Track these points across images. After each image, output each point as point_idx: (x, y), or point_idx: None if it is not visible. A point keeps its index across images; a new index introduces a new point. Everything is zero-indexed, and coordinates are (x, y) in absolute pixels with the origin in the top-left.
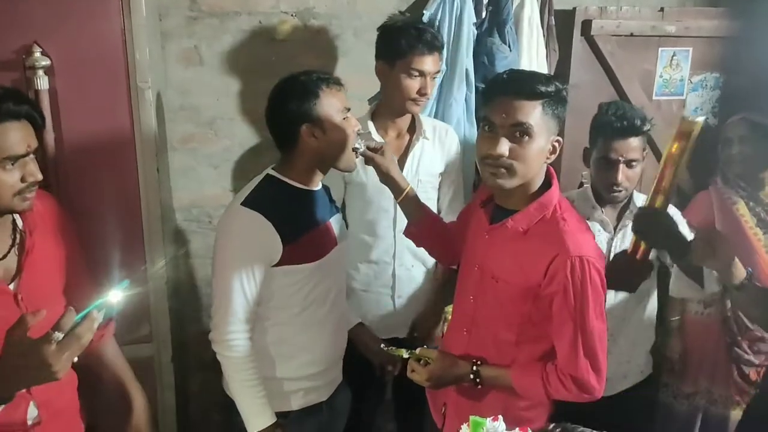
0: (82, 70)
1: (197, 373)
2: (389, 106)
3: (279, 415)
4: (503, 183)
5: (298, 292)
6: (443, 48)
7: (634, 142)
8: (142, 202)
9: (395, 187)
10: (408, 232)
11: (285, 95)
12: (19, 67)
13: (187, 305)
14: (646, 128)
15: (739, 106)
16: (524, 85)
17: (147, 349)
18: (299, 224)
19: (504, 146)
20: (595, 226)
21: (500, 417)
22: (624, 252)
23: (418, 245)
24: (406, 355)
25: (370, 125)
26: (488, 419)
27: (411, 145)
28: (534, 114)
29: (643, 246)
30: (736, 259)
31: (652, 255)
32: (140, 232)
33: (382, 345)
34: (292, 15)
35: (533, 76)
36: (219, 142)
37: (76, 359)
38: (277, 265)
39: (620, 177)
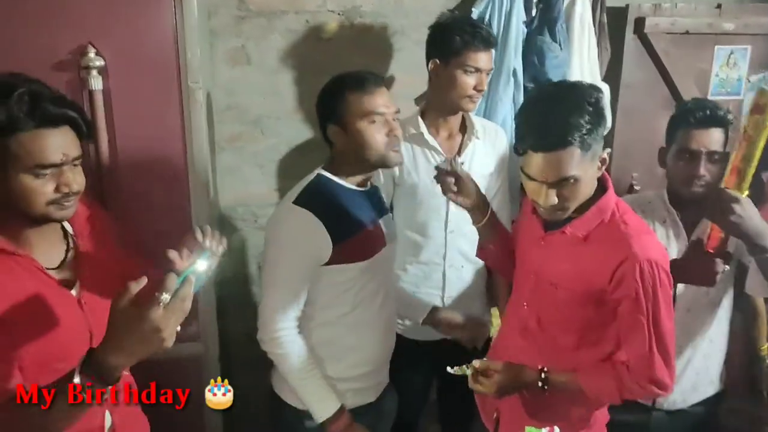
0: (135, 70)
1: (243, 371)
2: (441, 105)
3: None
4: (560, 216)
5: (347, 292)
6: (496, 45)
7: (716, 133)
8: (192, 203)
9: (477, 212)
10: (482, 254)
11: (320, 94)
12: (74, 68)
13: (233, 304)
14: (729, 118)
15: None
16: (555, 137)
17: (195, 348)
18: (349, 223)
19: (552, 198)
20: (669, 233)
21: (556, 428)
22: (699, 241)
23: (491, 266)
24: (469, 372)
25: (421, 125)
26: (544, 429)
27: (463, 145)
28: (573, 160)
29: (718, 234)
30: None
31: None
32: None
33: (448, 368)
34: (339, 14)
35: (562, 117)
36: (265, 141)
37: (179, 328)
38: (326, 264)
39: (702, 169)
